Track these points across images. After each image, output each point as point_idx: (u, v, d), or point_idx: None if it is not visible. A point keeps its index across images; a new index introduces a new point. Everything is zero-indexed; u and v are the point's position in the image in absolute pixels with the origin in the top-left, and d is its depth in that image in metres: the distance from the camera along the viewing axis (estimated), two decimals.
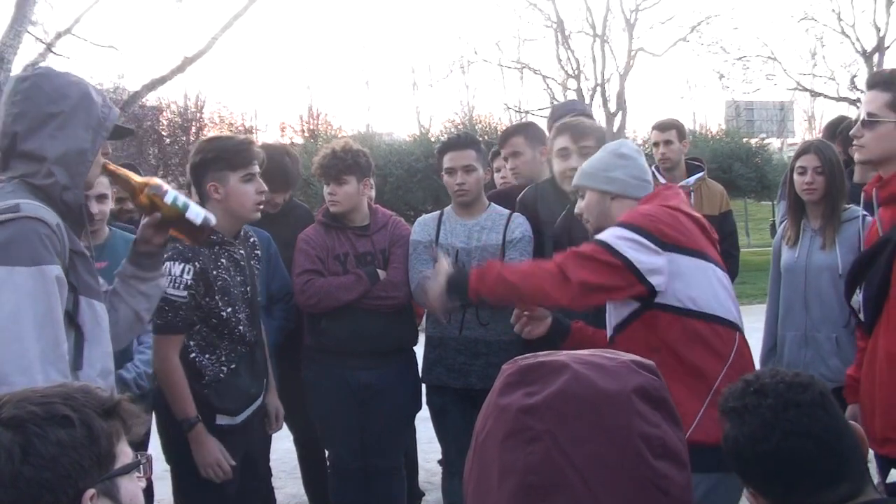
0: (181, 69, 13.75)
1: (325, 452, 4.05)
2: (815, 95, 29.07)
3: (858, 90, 24.20)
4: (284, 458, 5.04)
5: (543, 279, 2.60)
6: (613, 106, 27.21)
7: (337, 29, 78.18)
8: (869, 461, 1.85)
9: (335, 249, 3.74)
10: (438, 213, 3.87)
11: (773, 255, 3.90)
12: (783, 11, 58.95)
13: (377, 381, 3.73)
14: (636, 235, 2.57)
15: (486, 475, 1.04)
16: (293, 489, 4.99)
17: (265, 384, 3.28)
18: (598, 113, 26.39)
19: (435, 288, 2.80)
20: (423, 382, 3.86)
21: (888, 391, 2.62)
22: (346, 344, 3.69)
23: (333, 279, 3.69)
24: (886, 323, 2.63)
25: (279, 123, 39.00)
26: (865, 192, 2.87)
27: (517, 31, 46.15)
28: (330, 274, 3.71)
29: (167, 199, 2.32)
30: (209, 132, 20.97)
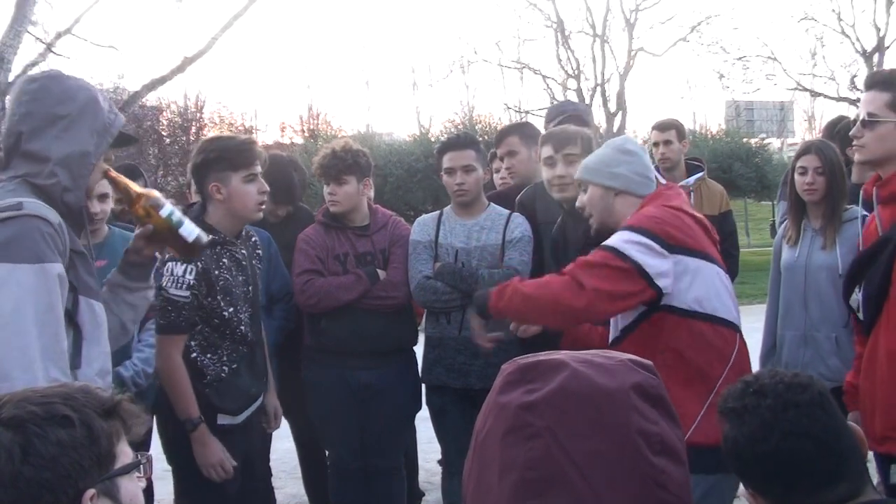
0: (181, 69, 13.73)
1: (325, 452, 4.05)
2: (815, 95, 29.08)
3: (858, 90, 24.17)
4: (284, 458, 5.04)
5: (558, 288, 2.62)
6: (613, 106, 27.22)
7: (337, 29, 78.22)
8: (868, 461, 1.86)
9: (335, 249, 3.74)
10: (438, 213, 3.87)
11: (773, 254, 3.90)
12: (783, 11, 59.16)
13: (377, 381, 3.73)
14: (644, 239, 2.59)
15: (486, 473, 1.05)
16: (293, 489, 4.99)
17: (265, 384, 3.29)
18: (598, 113, 26.40)
19: (473, 321, 2.95)
20: (422, 382, 3.86)
21: (888, 390, 2.61)
22: (346, 344, 3.69)
23: (333, 279, 3.69)
24: (887, 321, 2.63)
25: (279, 123, 39.08)
26: (865, 190, 2.86)
27: (517, 31, 46.01)
28: (330, 274, 3.71)
29: (163, 212, 2.32)
30: (209, 132, 20.97)
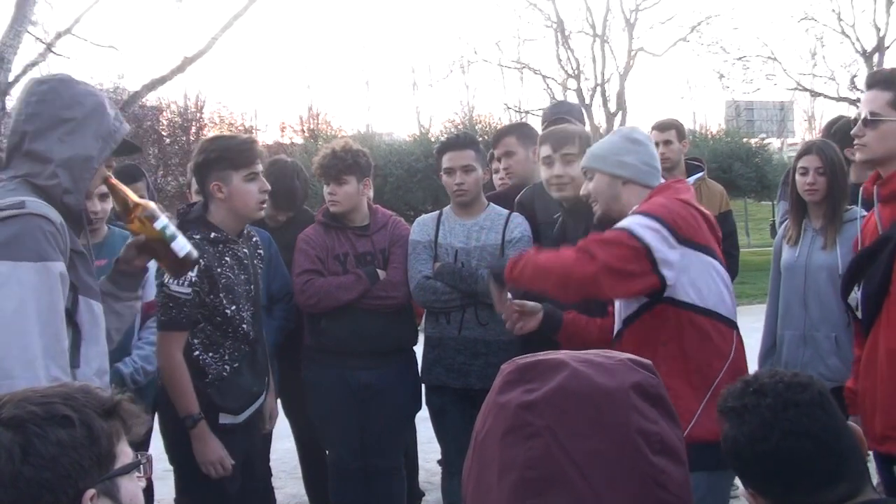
0: (181, 69, 13.75)
1: (325, 452, 4.05)
2: (815, 95, 29.09)
3: (858, 90, 24.17)
4: (284, 458, 5.04)
5: (569, 259, 2.64)
6: (613, 106, 27.24)
7: (337, 29, 78.19)
8: (868, 460, 1.86)
9: (335, 249, 3.74)
10: (437, 213, 3.86)
11: (773, 254, 3.90)
12: (783, 11, 59.23)
13: (377, 381, 3.73)
14: (657, 225, 2.59)
15: (486, 473, 1.04)
16: (293, 489, 4.99)
17: (266, 383, 3.29)
18: (598, 113, 26.47)
19: (492, 289, 2.95)
20: (422, 382, 3.86)
21: (889, 389, 2.60)
22: (345, 344, 3.69)
23: (333, 279, 3.69)
24: (887, 320, 2.62)
25: (279, 123, 39.06)
26: (865, 189, 2.86)
27: (517, 31, 46.13)
28: (330, 274, 3.71)
29: (157, 224, 2.34)
30: (209, 132, 20.98)
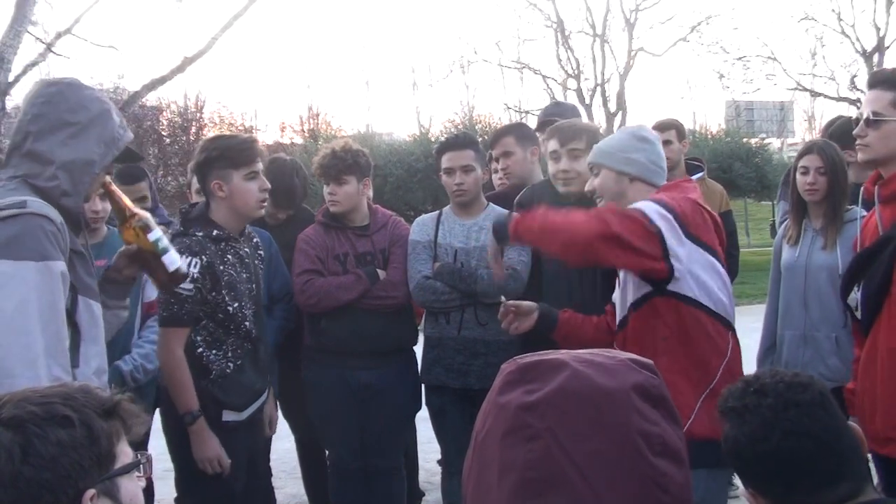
0: (181, 69, 13.76)
1: (325, 452, 4.05)
2: (815, 95, 29.12)
3: (858, 90, 24.20)
4: (284, 458, 5.04)
5: (580, 219, 2.64)
6: (613, 106, 27.25)
7: (337, 29, 78.13)
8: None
9: (335, 249, 3.74)
10: (437, 213, 3.86)
11: (773, 253, 3.90)
12: (783, 11, 59.13)
13: (377, 381, 3.73)
14: (669, 215, 2.61)
15: (485, 473, 1.04)
16: (293, 489, 4.99)
17: (269, 381, 3.31)
18: (598, 113, 26.48)
19: (490, 246, 2.94)
20: (422, 382, 3.86)
21: (889, 388, 2.59)
22: (345, 344, 3.69)
23: (333, 279, 3.69)
24: (888, 320, 2.61)
25: (279, 123, 39.02)
26: (866, 189, 2.85)
27: (517, 31, 46.23)
28: (330, 274, 3.71)
29: (150, 236, 2.34)
30: (209, 132, 20.98)
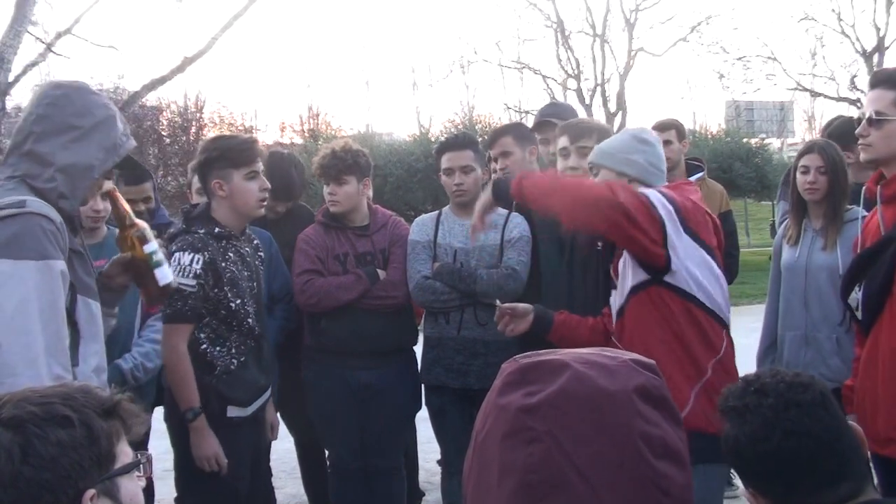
0: (181, 69, 13.77)
1: (325, 452, 4.05)
2: (815, 95, 29.12)
3: (858, 90, 24.22)
4: (284, 458, 5.04)
5: (588, 182, 2.66)
6: (613, 106, 27.23)
7: (337, 29, 78.12)
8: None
9: (335, 249, 3.74)
10: (437, 213, 3.87)
11: (773, 253, 3.90)
12: (783, 11, 59.14)
13: (377, 381, 3.73)
14: (671, 207, 2.64)
15: (485, 474, 1.04)
16: (293, 489, 4.99)
17: (272, 378, 3.33)
18: (598, 113, 26.45)
19: (479, 203, 3.00)
20: (421, 382, 3.86)
21: (892, 389, 2.58)
22: (346, 344, 3.69)
23: (333, 279, 3.69)
24: (890, 320, 2.61)
25: (279, 123, 38.97)
26: (868, 188, 2.84)
27: (517, 31, 46.24)
28: (330, 274, 3.71)
29: (146, 247, 2.37)
30: (209, 132, 20.98)
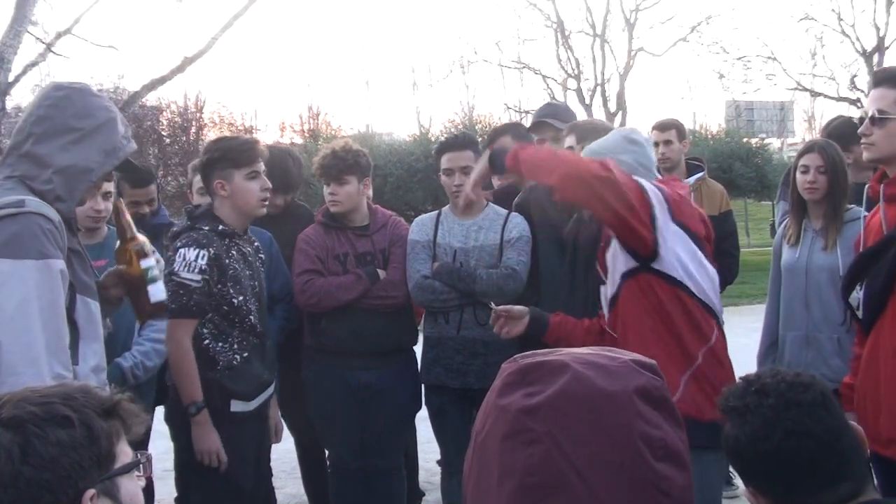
0: (181, 69, 13.76)
1: (325, 452, 4.05)
2: (815, 95, 29.12)
3: (858, 90, 24.22)
4: (284, 458, 5.03)
5: (585, 158, 2.68)
6: (613, 106, 27.23)
7: (337, 29, 78.06)
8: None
9: (335, 249, 3.74)
10: (436, 213, 3.87)
11: (773, 253, 3.89)
12: (783, 11, 59.09)
13: (377, 381, 3.73)
14: (660, 196, 2.70)
15: (485, 474, 1.04)
16: (293, 489, 4.99)
17: (275, 374, 3.35)
18: (598, 113, 26.42)
19: (478, 164, 3.08)
20: (421, 382, 3.86)
21: (894, 388, 2.57)
22: (346, 344, 3.69)
23: (333, 279, 3.69)
24: (892, 319, 2.59)
25: (279, 123, 38.97)
26: (871, 188, 2.83)
27: (517, 31, 46.26)
28: (330, 274, 3.71)
29: (143, 263, 2.39)
30: (209, 132, 20.99)
